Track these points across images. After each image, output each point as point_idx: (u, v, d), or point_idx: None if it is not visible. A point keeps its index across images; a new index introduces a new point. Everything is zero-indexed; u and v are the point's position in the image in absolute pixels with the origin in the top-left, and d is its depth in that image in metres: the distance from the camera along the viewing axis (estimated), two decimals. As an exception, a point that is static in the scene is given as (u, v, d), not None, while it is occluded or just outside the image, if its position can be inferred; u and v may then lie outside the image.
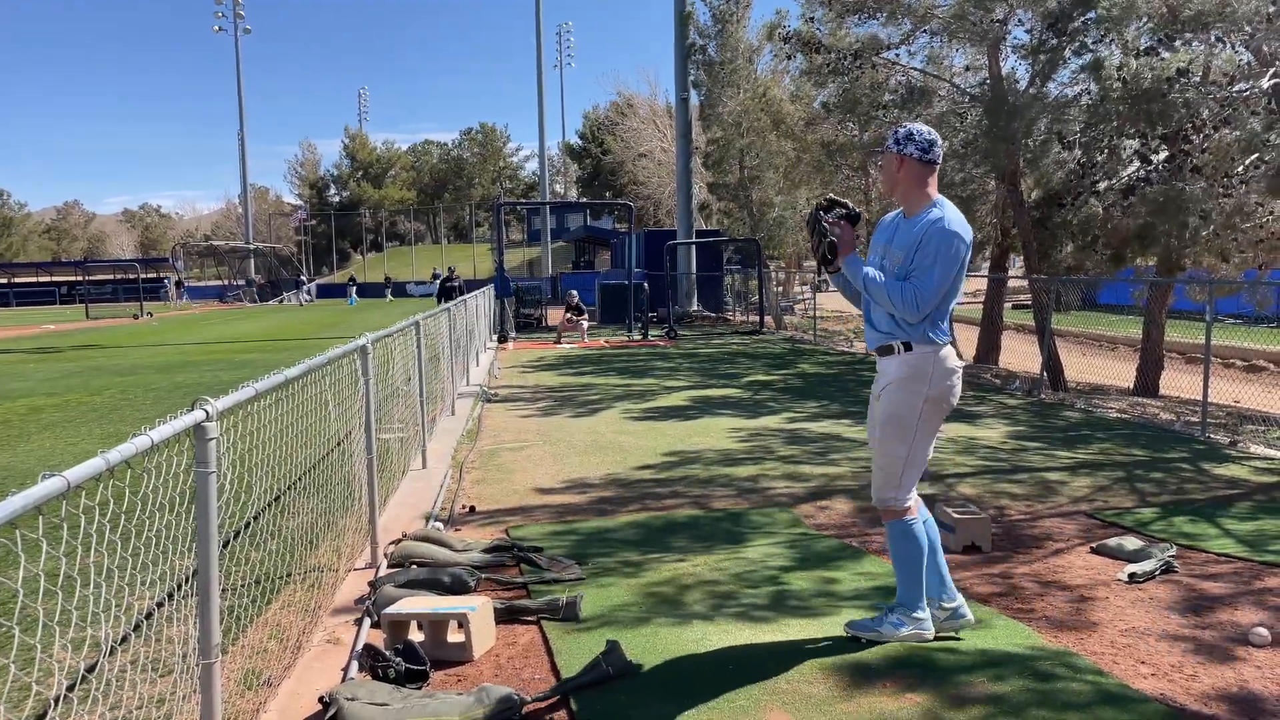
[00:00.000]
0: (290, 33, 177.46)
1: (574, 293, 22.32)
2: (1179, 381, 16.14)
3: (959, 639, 3.91)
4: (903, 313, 3.69)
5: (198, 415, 2.61)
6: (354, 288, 51.68)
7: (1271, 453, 8.12)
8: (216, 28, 61.59)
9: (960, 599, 3.95)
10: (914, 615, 3.87)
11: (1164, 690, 3.45)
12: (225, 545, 3.59)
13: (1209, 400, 9.48)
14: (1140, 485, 6.88)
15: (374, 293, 54.39)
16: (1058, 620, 4.18)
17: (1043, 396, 11.90)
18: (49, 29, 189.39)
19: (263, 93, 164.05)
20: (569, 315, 21.16)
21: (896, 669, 3.60)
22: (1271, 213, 13.73)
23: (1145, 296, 17.03)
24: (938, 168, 3.85)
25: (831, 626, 4.09)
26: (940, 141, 3.88)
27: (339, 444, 5.36)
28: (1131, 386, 15.78)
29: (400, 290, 54.96)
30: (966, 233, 3.74)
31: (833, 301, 34.17)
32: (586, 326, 21.50)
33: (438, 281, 50.69)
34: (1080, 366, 18.13)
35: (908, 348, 3.76)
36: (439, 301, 20.03)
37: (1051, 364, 13.57)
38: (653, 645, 3.94)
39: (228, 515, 3.56)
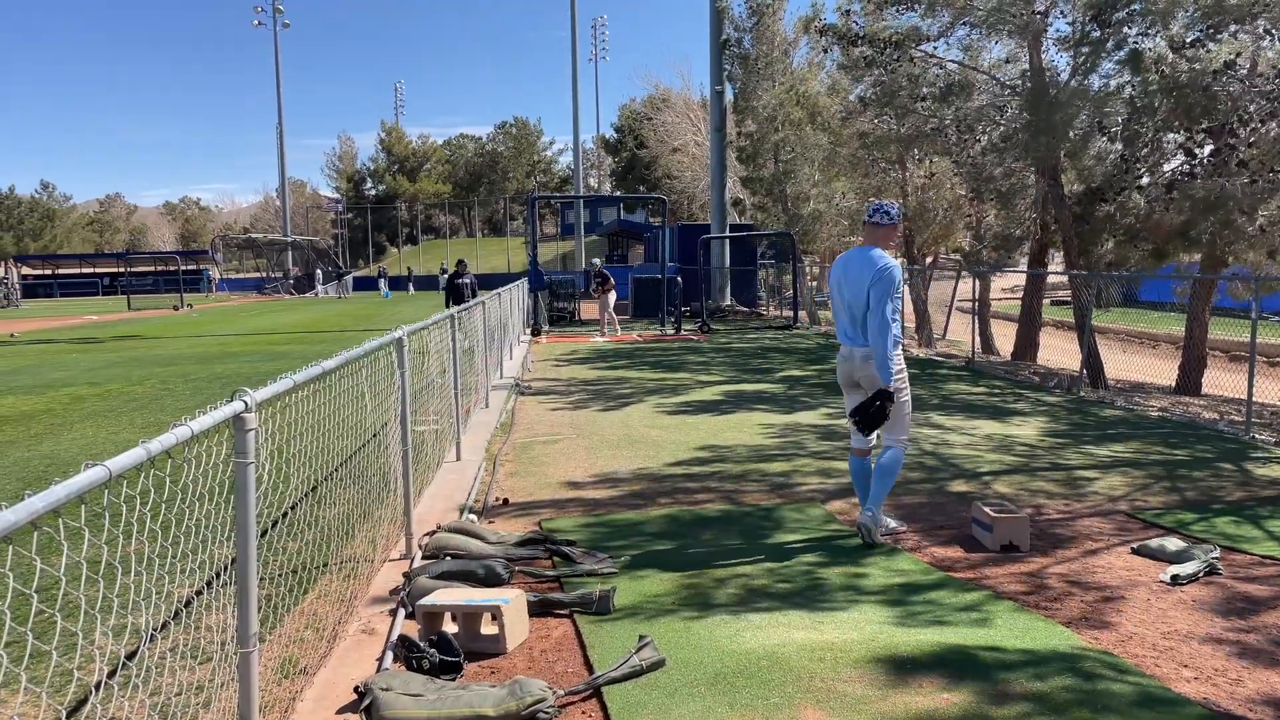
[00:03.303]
0: (327, 27, 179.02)
1: (596, 261, 22.35)
2: (1222, 380, 15.83)
3: (999, 638, 3.86)
4: None
5: (237, 406, 2.63)
6: (385, 280, 52.03)
7: (1318, 453, 7.94)
8: (256, 23, 62.25)
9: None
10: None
11: (1207, 694, 3.38)
12: (263, 535, 3.62)
13: (1254, 399, 9.28)
14: (1180, 485, 6.76)
15: (398, 286, 54.72)
16: (1098, 621, 4.11)
17: (1082, 394, 11.73)
18: (92, 26, 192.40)
19: (300, 87, 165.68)
20: (595, 282, 21.22)
21: (934, 667, 3.56)
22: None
23: (1187, 293, 16.74)
24: (880, 227, 5.44)
25: (866, 624, 4.06)
26: (885, 207, 5.46)
27: (375, 436, 5.40)
28: (1174, 384, 15.52)
29: (432, 283, 55.17)
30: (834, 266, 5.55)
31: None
32: (617, 319, 21.50)
33: (444, 277, 50.73)
34: (1121, 364, 17.87)
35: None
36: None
37: (1091, 361, 13.37)
38: (685, 640, 3.93)
39: (265, 505, 3.59)
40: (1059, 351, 19.42)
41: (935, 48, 17.25)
